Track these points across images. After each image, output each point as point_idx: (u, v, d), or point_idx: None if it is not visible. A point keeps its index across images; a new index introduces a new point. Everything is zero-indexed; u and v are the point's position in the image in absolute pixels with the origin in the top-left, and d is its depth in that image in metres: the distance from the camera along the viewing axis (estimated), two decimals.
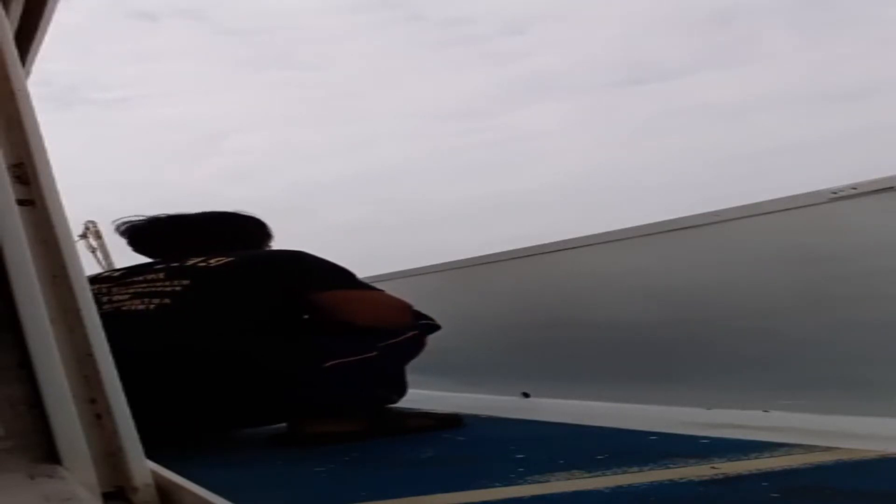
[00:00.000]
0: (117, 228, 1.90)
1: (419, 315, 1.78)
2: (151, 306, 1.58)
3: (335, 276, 1.74)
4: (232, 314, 1.60)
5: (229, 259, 1.69)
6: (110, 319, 1.49)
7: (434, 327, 1.79)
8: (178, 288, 1.61)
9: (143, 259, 1.86)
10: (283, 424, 1.69)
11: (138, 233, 1.90)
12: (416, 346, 1.76)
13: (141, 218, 1.90)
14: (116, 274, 1.77)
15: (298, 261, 1.75)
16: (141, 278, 1.67)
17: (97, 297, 1.63)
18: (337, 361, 1.60)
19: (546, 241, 2.26)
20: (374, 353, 1.64)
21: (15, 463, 0.79)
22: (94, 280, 1.72)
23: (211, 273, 1.65)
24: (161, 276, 1.66)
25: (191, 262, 1.69)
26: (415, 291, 2.05)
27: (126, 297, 1.63)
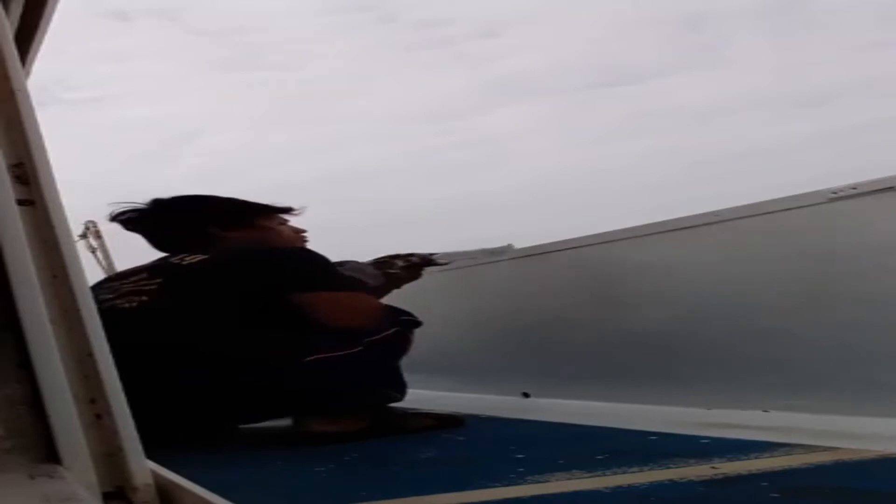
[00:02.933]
0: (113, 218, 1.92)
1: (399, 311, 1.78)
2: (134, 303, 1.64)
3: (312, 273, 1.74)
4: (204, 310, 1.63)
5: (203, 257, 1.72)
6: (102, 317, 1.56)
7: (415, 323, 1.79)
8: (153, 286, 1.66)
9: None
10: (284, 424, 1.69)
11: (132, 221, 1.92)
12: (402, 343, 1.76)
13: (136, 206, 1.91)
14: (112, 276, 1.85)
15: (273, 257, 1.77)
16: (130, 280, 1.72)
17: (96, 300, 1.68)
18: (318, 357, 1.60)
19: (544, 242, 2.26)
20: (360, 349, 1.64)
21: (15, 463, 0.79)
22: (94, 287, 1.77)
23: (183, 271, 1.69)
24: (144, 275, 1.71)
25: (170, 260, 1.74)
26: (415, 291, 2.05)
27: (113, 296, 1.68)
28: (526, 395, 2.28)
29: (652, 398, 1.86)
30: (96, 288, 1.74)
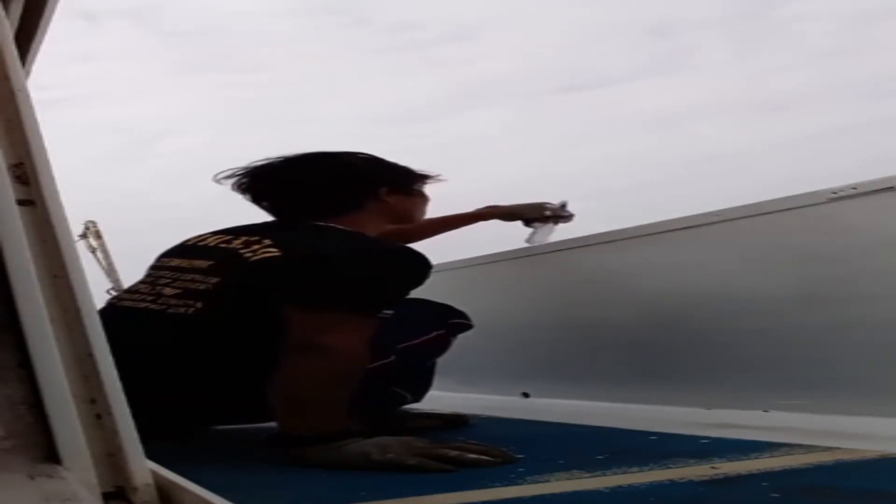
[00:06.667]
0: (218, 180, 1.71)
1: (452, 313, 1.72)
2: (190, 311, 1.46)
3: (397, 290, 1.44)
4: (260, 324, 1.40)
5: (274, 253, 1.45)
6: (156, 318, 1.47)
7: (465, 326, 1.73)
8: (209, 286, 1.47)
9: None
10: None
11: (238, 185, 1.72)
12: (441, 346, 1.72)
13: (242, 167, 1.71)
14: (200, 241, 1.61)
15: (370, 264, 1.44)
16: (188, 273, 1.53)
17: (151, 279, 1.57)
18: None
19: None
20: (392, 358, 1.58)
21: (15, 463, 0.79)
22: (174, 252, 1.63)
23: (248, 269, 1.44)
24: (205, 265, 1.51)
25: (237, 247, 1.51)
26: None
27: (172, 292, 1.51)
28: (526, 395, 2.28)
29: (652, 398, 1.87)
30: (175, 252, 1.62)
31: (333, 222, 1.65)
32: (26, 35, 1.45)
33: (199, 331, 1.45)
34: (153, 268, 1.64)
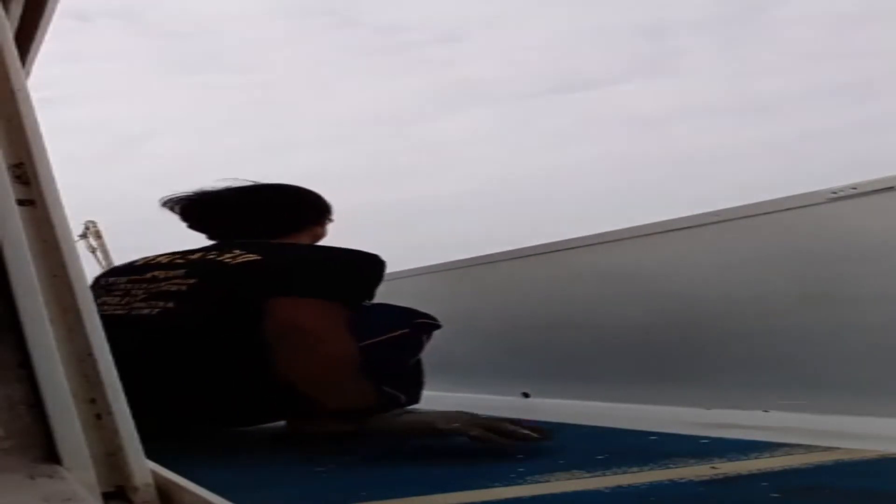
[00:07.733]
0: (164, 204, 1.84)
1: (415, 314, 1.74)
2: (155, 311, 1.52)
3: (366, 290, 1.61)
4: (234, 321, 1.49)
5: (255, 257, 1.57)
6: (118, 322, 1.50)
7: (433, 326, 1.74)
8: (183, 287, 1.54)
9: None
10: (283, 424, 1.69)
11: (187, 209, 1.83)
12: (412, 345, 1.72)
13: (189, 193, 1.83)
14: (150, 262, 1.70)
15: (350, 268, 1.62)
16: (162, 274, 1.61)
17: (120, 292, 1.63)
18: None
19: (546, 241, 2.26)
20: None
21: (15, 463, 0.79)
22: (125, 271, 1.71)
23: (228, 272, 1.54)
24: (179, 272, 1.59)
25: (210, 256, 1.61)
26: (415, 292, 2.05)
27: (141, 295, 1.58)
28: (526, 395, 2.28)
29: (652, 398, 1.87)
30: (127, 270, 1.69)
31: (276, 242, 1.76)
32: (26, 35, 1.45)
33: (176, 332, 1.51)
34: (108, 284, 1.67)
